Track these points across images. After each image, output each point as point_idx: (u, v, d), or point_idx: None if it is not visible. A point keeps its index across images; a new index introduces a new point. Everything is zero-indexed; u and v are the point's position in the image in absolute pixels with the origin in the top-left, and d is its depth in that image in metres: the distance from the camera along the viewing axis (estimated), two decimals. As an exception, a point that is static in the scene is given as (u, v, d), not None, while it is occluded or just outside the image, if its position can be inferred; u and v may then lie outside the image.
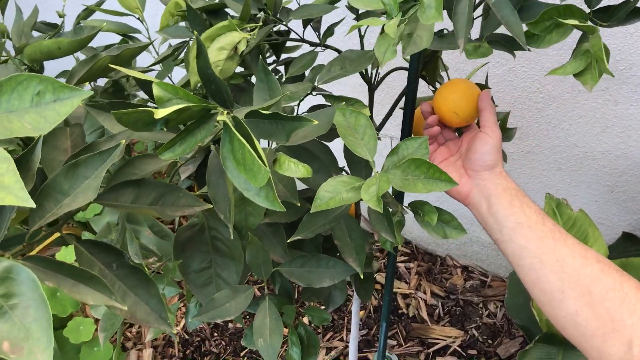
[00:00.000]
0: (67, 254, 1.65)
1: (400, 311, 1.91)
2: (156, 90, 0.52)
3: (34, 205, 0.37)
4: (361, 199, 0.77)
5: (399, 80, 1.71)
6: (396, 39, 0.61)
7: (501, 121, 1.05)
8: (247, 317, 1.89)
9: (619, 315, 0.66)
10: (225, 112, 0.55)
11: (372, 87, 0.99)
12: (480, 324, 1.84)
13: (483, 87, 0.98)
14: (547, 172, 1.67)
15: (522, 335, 1.78)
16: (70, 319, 1.49)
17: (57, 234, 1.14)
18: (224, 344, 1.80)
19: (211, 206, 0.69)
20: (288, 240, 0.80)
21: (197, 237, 0.86)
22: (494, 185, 0.82)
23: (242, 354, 1.78)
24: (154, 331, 0.95)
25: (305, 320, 1.77)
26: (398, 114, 1.76)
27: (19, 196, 0.38)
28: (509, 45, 0.79)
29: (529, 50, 0.67)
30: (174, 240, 0.86)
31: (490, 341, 1.79)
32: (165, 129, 0.52)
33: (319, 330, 1.85)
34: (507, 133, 1.07)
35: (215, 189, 0.67)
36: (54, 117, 0.42)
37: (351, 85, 1.88)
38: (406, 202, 0.92)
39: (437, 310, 1.91)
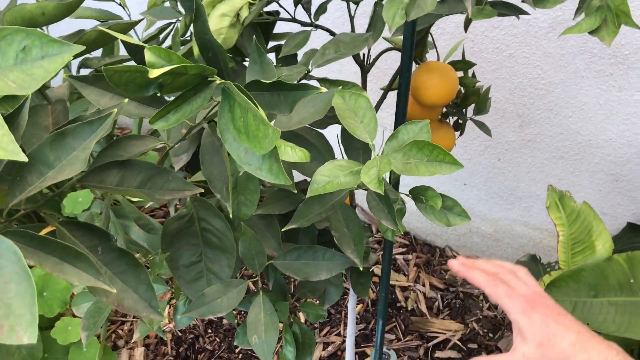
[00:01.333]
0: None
1: (398, 304, 1.87)
2: (148, 56, 0.47)
3: (25, 159, 0.33)
4: (358, 186, 0.72)
5: (394, 66, 1.67)
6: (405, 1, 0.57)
7: (482, 95, 1.03)
8: (241, 314, 1.84)
9: None
10: (223, 80, 0.50)
11: (365, 69, 0.94)
12: (480, 316, 1.80)
13: (462, 63, 1.00)
14: (548, 161, 1.63)
15: (524, 329, 1.75)
16: (58, 319, 1.44)
17: (46, 230, 1.09)
18: (218, 340, 1.76)
19: (202, 190, 0.64)
20: (283, 229, 0.75)
21: (186, 229, 0.82)
22: None
23: (237, 350, 1.73)
24: (142, 330, 0.90)
25: (301, 316, 1.73)
26: (392, 102, 1.71)
27: (8, 149, 0.34)
28: (511, 8, 0.75)
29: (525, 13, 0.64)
30: (162, 233, 0.81)
31: (491, 334, 1.75)
32: (159, 94, 0.47)
33: (316, 325, 1.81)
34: (484, 106, 1.05)
35: (210, 168, 0.63)
36: (42, 75, 0.38)
37: (345, 74, 1.83)
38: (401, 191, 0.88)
39: (436, 303, 1.86)
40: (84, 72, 1.19)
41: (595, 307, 1.15)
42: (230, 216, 0.65)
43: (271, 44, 1.06)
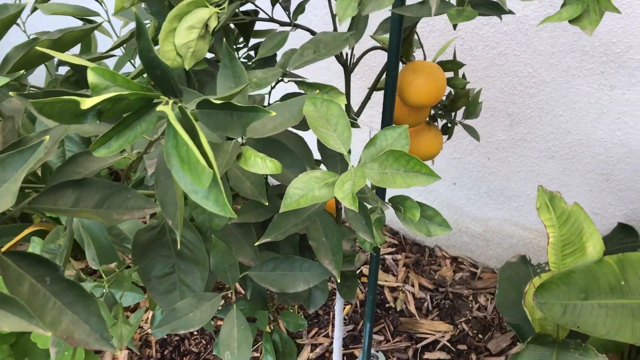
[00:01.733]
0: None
1: (387, 305, 1.84)
2: (91, 77, 0.44)
3: None
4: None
5: (381, 63, 1.63)
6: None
7: (472, 98, 1.00)
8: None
9: None
10: (171, 101, 0.47)
11: (348, 69, 0.91)
12: (470, 317, 1.78)
13: (452, 64, 0.97)
14: (539, 161, 1.60)
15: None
16: (39, 320, 1.42)
17: (29, 229, 1.06)
18: (204, 342, 1.73)
19: (159, 209, 0.61)
20: (256, 243, 0.72)
21: (157, 240, 0.79)
22: None
23: (223, 352, 1.70)
24: (118, 340, 0.87)
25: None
26: (379, 100, 1.68)
27: None
28: (494, 8, 0.72)
29: (509, 12, 0.61)
30: (132, 244, 0.78)
31: (480, 336, 1.73)
32: (98, 122, 0.44)
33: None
34: (474, 109, 1.02)
35: (164, 190, 0.59)
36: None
37: (333, 72, 1.80)
38: (389, 195, 0.85)
39: (425, 304, 1.84)
40: (63, 70, 1.15)
41: (586, 310, 1.12)
42: (178, 247, 0.61)
43: (253, 41, 1.03)
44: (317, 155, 0.86)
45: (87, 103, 0.39)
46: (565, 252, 1.20)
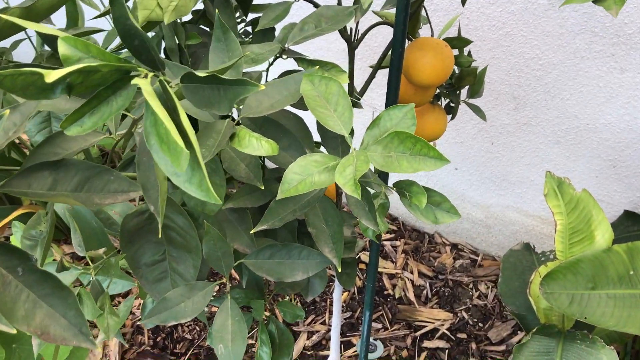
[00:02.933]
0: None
1: (385, 292, 1.81)
2: (62, 48, 0.39)
3: None
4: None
5: (384, 44, 1.58)
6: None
7: (479, 76, 0.95)
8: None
9: None
10: (151, 74, 0.42)
11: (352, 46, 0.86)
12: (470, 305, 1.75)
13: (457, 41, 0.92)
14: (544, 146, 1.56)
15: (515, 319, 1.69)
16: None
17: (17, 212, 1.01)
18: (197, 329, 1.69)
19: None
20: (252, 231, 0.68)
21: (146, 226, 0.74)
22: None
23: (218, 339, 1.67)
24: (105, 331, 0.82)
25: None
26: (383, 81, 1.63)
27: None
28: None
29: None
30: (120, 230, 0.74)
31: (480, 324, 1.70)
32: (69, 97, 0.39)
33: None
34: (479, 88, 0.97)
35: (146, 172, 0.54)
36: None
37: (333, 51, 1.74)
38: (392, 180, 0.81)
39: (424, 291, 1.80)
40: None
41: (594, 301, 1.09)
42: (160, 235, 0.57)
43: (252, 16, 0.97)
44: (317, 137, 0.81)
45: (52, 76, 0.34)
46: (573, 240, 1.16)
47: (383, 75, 1.61)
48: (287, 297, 1.75)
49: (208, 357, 1.62)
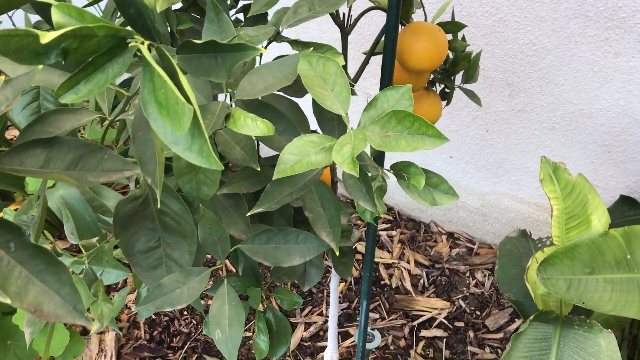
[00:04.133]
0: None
1: (382, 282, 1.80)
2: (55, 16, 0.38)
3: None
4: (334, 162, 0.64)
5: (376, 31, 1.57)
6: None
7: (473, 60, 0.94)
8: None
9: None
10: (147, 42, 0.41)
11: (345, 31, 0.85)
12: (467, 294, 1.74)
13: (452, 25, 0.91)
14: (539, 132, 1.55)
15: (512, 306, 1.69)
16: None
17: (10, 208, 0.99)
18: (194, 322, 1.68)
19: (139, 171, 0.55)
20: (248, 214, 0.67)
21: (140, 212, 0.73)
22: None
23: (215, 331, 1.66)
24: (100, 321, 0.81)
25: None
26: (376, 70, 1.62)
27: None
28: None
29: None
30: (114, 216, 0.73)
31: (478, 312, 1.70)
32: (63, 62, 0.38)
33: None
34: (474, 73, 0.96)
35: (143, 147, 0.53)
36: None
37: (327, 40, 1.73)
38: (387, 165, 0.80)
39: (421, 281, 1.80)
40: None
41: (591, 285, 1.08)
42: (158, 206, 0.56)
43: (242, 3, 0.96)
44: (313, 125, 0.81)
45: (47, 37, 0.33)
46: (569, 225, 1.15)
47: (376, 64, 1.60)
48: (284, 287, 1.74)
49: (205, 351, 1.61)
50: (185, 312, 1.70)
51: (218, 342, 0.66)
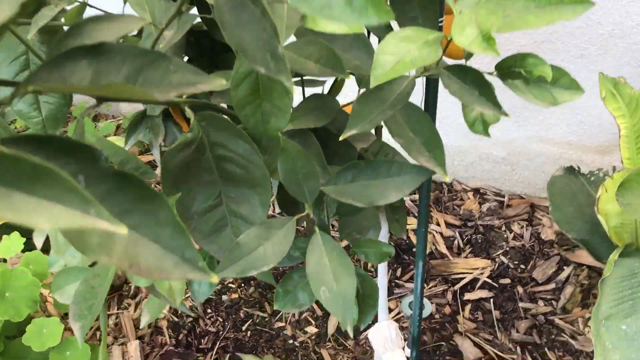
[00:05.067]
0: (11, 244, 1.33)
1: (414, 249, 1.68)
2: None
3: None
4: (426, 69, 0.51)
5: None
6: None
7: None
8: (276, 271, 1.62)
9: None
10: None
11: None
12: (507, 248, 1.63)
13: None
14: (566, 63, 1.44)
15: (558, 254, 1.58)
16: (29, 322, 1.19)
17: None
18: (221, 320, 1.53)
19: (225, 83, 0.41)
20: (341, 138, 0.53)
21: (194, 162, 0.59)
22: None
23: (244, 328, 1.51)
24: (152, 309, 0.67)
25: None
26: None
27: None
28: None
29: None
30: (162, 171, 0.59)
31: (522, 266, 1.58)
32: None
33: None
34: None
35: (238, 31, 0.39)
36: None
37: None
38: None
39: (456, 242, 1.68)
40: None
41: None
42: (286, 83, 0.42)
43: None
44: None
45: None
46: None
47: None
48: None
49: (237, 348, 1.47)
50: (209, 310, 1.55)
51: (326, 302, 0.52)
